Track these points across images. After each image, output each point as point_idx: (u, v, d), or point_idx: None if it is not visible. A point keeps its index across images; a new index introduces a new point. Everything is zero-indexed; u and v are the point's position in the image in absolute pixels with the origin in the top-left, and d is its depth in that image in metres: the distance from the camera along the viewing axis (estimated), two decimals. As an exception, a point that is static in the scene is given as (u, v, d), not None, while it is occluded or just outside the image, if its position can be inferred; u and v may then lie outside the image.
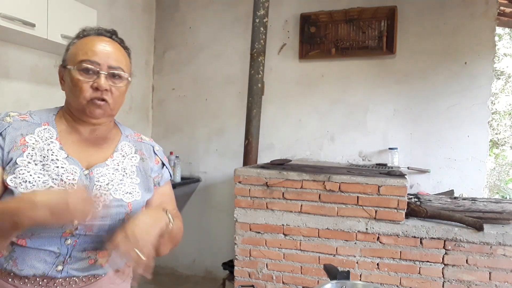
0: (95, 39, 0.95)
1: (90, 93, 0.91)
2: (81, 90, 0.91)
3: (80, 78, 0.91)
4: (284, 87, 3.29)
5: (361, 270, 2.06)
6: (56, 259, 0.87)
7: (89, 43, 0.94)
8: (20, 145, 0.89)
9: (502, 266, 1.89)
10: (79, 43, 0.95)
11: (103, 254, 0.93)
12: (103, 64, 0.92)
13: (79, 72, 0.91)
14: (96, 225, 0.89)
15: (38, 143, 0.90)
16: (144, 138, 1.11)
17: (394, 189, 2.00)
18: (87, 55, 0.91)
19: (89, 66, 0.91)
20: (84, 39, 0.95)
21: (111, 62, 0.93)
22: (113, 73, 0.94)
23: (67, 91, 0.95)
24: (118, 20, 3.10)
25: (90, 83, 0.91)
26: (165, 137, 3.65)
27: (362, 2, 3.04)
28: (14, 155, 0.87)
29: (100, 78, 0.91)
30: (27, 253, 0.86)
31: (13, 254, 0.86)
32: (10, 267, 0.86)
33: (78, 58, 0.92)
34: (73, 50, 0.94)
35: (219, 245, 3.38)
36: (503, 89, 6.62)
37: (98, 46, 0.93)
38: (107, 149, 1.00)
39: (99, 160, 0.96)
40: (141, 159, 1.04)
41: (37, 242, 0.86)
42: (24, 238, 0.85)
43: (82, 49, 0.92)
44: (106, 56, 0.93)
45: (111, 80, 0.93)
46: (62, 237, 0.87)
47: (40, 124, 0.94)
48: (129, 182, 0.97)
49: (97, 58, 0.91)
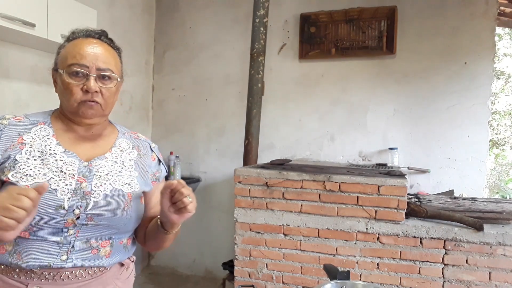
0: (83, 42, 0.96)
1: (81, 95, 0.93)
2: (71, 93, 0.93)
3: (70, 82, 0.93)
4: (284, 87, 3.29)
5: (361, 270, 2.06)
6: (60, 249, 0.89)
7: (77, 46, 0.95)
8: (17, 143, 0.91)
9: (502, 266, 1.88)
10: (68, 46, 0.96)
11: (105, 244, 0.95)
12: (92, 66, 0.93)
13: (68, 75, 0.93)
14: (97, 214, 0.91)
15: (35, 140, 0.93)
16: (140, 135, 1.14)
17: (394, 189, 2.00)
18: (76, 58, 0.93)
19: (78, 70, 0.93)
20: (73, 42, 0.97)
21: (99, 64, 0.94)
22: (103, 74, 0.95)
23: (60, 93, 0.97)
24: (118, 20, 3.10)
25: (80, 85, 0.93)
26: (165, 137, 3.65)
27: (362, 2, 3.04)
28: (12, 153, 0.90)
29: (89, 81, 0.93)
30: (31, 245, 0.87)
31: (16, 248, 0.87)
32: (15, 261, 0.87)
33: (67, 61, 0.94)
34: (63, 54, 0.96)
35: (219, 245, 3.38)
36: (503, 89, 6.62)
37: (86, 48, 0.95)
38: (104, 145, 1.02)
39: (98, 154, 0.99)
40: (138, 154, 1.07)
41: (40, 233, 0.87)
42: (27, 230, 0.85)
43: (71, 53, 0.94)
44: (94, 58, 0.94)
45: (100, 81, 0.95)
46: (65, 227, 0.89)
47: (36, 124, 0.96)
48: (128, 174, 1.00)
49: (85, 61, 0.93)
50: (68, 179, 0.90)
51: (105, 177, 0.95)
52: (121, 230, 0.97)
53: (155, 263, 3.69)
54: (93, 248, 0.93)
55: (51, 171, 0.89)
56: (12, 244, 0.87)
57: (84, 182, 0.92)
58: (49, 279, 0.89)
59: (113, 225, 0.94)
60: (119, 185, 0.96)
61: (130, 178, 1.00)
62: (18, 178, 0.86)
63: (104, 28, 1.06)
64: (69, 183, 0.90)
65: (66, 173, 0.90)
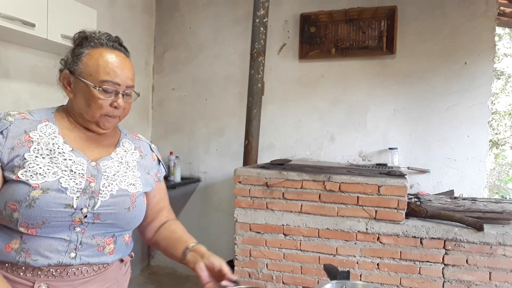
0: (113, 56, 0.96)
1: (107, 110, 0.95)
2: (100, 107, 0.94)
3: (101, 97, 0.93)
4: (284, 87, 3.29)
5: (361, 270, 2.06)
6: (68, 246, 0.90)
7: (108, 60, 0.95)
8: (25, 141, 0.91)
9: (502, 266, 1.88)
10: (96, 57, 0.94)
11: (109, 241, 0.97)
12: (123, 84, 0.96)
13: (100, 91, 0.93)
14: (103, 213, 0.93)
15: (43, 138, 0.93)
16: (140, 136, 1.17)
17: (394, 189, 2.00)
18: (110, 75, 0.94)
19: (111, 88, 0.94)
20: (98, 51, 0.95)
21: (129, 82, 0.97)
22: (128, 92, 0.99)
23: (80, 101, 0.96)
24: (118, 20, 3.10)
25: (109, 101, 0.95)
26: (165, 137, 3.65)
27: (362, 2, 3.04)
28: (20, 151, 0.89)
29: (120, 98, 0.96)
30: (39, 242, 0.88)
31: (24, 246, 0.87)
32: (23, 258, 0.87)
33: (100, 77, 0.93)
34: (90, 64, 0.94)
35: (219, 245, 3.37)
36: (503, 89, 6.62)
37: (119, 65, 0.96)
38: (108, 145, 1.04)
39: (103, 154, 1.01)
40: (140, 155, 1.09)
41: (47, 231, 0.88)
42: (34, 228, 0.86)
43: (104, 68, 0.93)
44: (125, 76, 0.96)
45: (125, 97, 0.98)
46: (71, 225, 0.89)
47: (41, 121, 0.96)
48: (132, 175, 1.02)
49: (118, 80, 0.95)
50: (78, 178, 0.91)
51: (112, 177, 0.97)
52: (124, 228, 1.00)
53: (155, 263, 3.69)
54: (99, 246, 0.95)
55: (60, 170, 0.90)
56: (19, 242, 0.88)
57: (93, 182, 0.93)
58: (56, 276, 0.89)
59: (118, 223, 0.96)
60: (124, 185, 0.98)
61: (134, 178, 1.02)
62: (28, 176, 0.86)
63: (104, 28, 1.06)
64: (79, 182, 0.91)
65: (76, 173, 0.91)
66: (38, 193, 0.85)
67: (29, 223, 0.85)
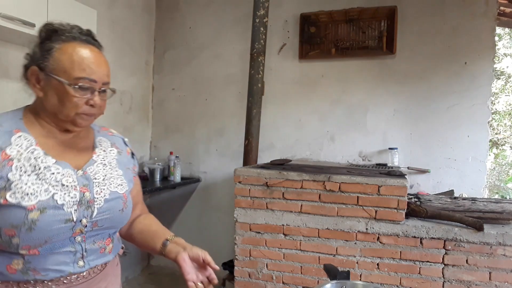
0: (88, 52, 0.89)
1: (83, 109, 0.89)
2: (75, 105, 0.88)
3: (76, 95, 0.87)
4: (284, 87, 3.29)
5: (361, 270, 2.06)
6: (74, 257, 0.90)
7: (85, 57, 0.88)
8: (3, 160, 0.83)
9: (502, 266, 1.88)
10: (69, 52, 0.88)
11: (108, 242, 0.99)
12: (99, 81, 0.90)
13: (75, 89, 0.87)
14: (100, 220, 0.93)
15: (21, 153, 0.85)
16: (113, 131, 1.13)
17: (394, 189, 2.00)
18: (86, 72, 0.87)
19: (87, 85, 0.88)
20: (71, 45, 0.89)
21: (105, 79, 0.92)
22: (104, 89, 0.93)
23: (52, 100, 0.88)
24: (118, 20, 3.10)
25: (85, 99, 0.89)
26: (165, 137, 3.65)
27: (362, 2, 3.04)
28: (2, 173, 0.82)
29: (96, 96, 0.90)
30: (44, 260, 0.86)
31: (29, 266, 0.85)
32: (33, 276, 0.85)
33: (75, 73, 0.86)
34: (63, 59, 0.87)
35: (219, 245, 3.38)
36: (503, 89, 6.62)
37: (95, 61, 0.90)
38: (86, 148, 1.00)
39: (85, 158, 0.97)
40: (118, 152, 1.07)
41: (50, 247, 0.86)
42: (36, 248, 0.84)
43: (79, 64, 0.87)
44: (102, 73, 0.91)
45: (101, 94, 0.92)
46: (72, 237, 0.89)
47: (12, 132, 0.87)
48: (117, 175, 1.01)
49: (95, 76, 0.89)
50: (72, 191, 0.88)
51: (102, 182, 0.96)
52: (118, 227, 1.03)
53: (155, 263, 3.69)
54: (101, 248, 0.96)
55: (51, 185, 0.85)
56: (22, 263, 0.84)
57: (86, 191, 0.91)
58: (67, 283, 0.90)
59: (113, 225, 0.98)
60: (114, 188, 0.98)
61: (120, 178, 1.01)
62: (18, 198, 0.81)
63: (104, 28, 1.06)
64: (74, 195, 0.88)
65: (68, 186, 0.88)
66: (36, 214, 0.81)
67: (31, 245, 0.83)
